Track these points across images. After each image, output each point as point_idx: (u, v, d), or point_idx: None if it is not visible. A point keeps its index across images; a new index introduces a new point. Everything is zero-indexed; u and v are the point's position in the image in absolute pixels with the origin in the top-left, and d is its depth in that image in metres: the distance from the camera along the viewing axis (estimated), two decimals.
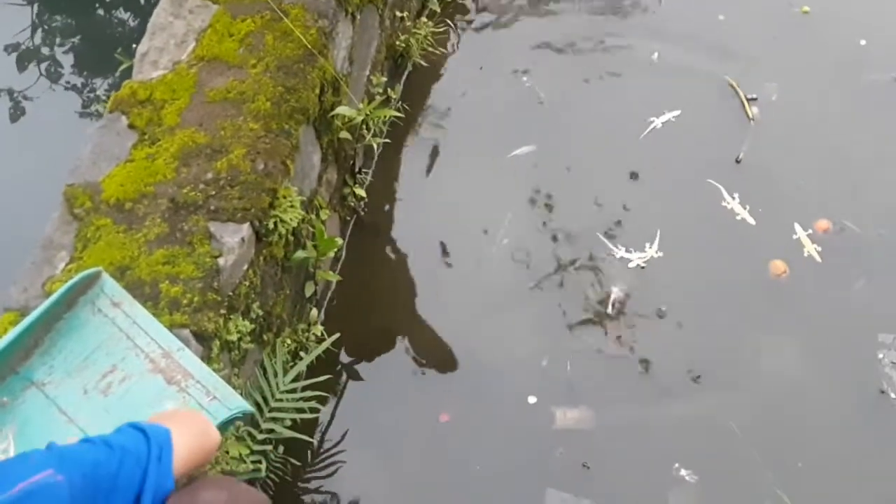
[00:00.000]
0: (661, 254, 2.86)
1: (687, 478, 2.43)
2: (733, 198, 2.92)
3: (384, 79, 3.20)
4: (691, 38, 3.50)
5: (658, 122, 3.23)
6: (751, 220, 2.86)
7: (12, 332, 1.68)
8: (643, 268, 2.84)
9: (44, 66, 3.72)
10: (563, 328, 2.75)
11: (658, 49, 3.48)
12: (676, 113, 3.24)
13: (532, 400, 2.60)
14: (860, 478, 2.43)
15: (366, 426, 2.58)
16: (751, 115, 3.23)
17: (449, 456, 2.52)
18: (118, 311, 1.78)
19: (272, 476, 2.34)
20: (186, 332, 1.92)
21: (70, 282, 1.75)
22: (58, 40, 3.83)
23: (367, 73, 3.07)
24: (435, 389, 2.66)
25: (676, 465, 2.46)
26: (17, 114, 3.56)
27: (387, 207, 3.09)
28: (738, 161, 3.10)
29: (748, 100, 3.28)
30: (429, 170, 3.19)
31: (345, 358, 2.72)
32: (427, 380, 2.69)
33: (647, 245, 2.88)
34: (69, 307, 1.77)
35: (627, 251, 2.88)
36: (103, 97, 3.50)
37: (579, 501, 2.39)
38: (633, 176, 3.09)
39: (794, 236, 2.92)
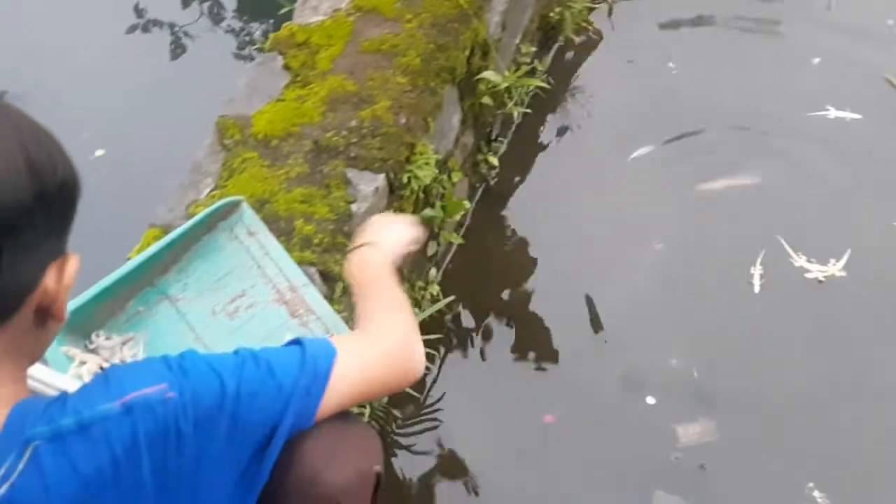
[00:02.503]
0: (844, 273, 2.65)
1: (820, 500, 2.27)
2: None
3: (533, 49, 3.15)
4: (856, 40, 3.28)
5: (833, 113, 3.06)
6: None
7: (154, 247, 1.77)
8: (821, 282, 2.65)
9: (206, 5, 3.87)
10: (702, 328, 2.62)
11: (821, 48, 3.28)
12: (857, 116, 3.04)
13: (651, 401, 2.50)
14: None
15: (467, 395, 2.56)
16: None
17: (550, 444, 2.46)
18: (253, 241, 1.84)
19: (373, 425, 2.38)
20: (313, 270, 1.97)
21: (213, 206, 1.82)
22: None
23: (518, 41, 3.04)
24: (541, 376, 2.60)
25: (811, 484, 2.30)
26: (178, 51, 3.73)
27: (517, 180, 3.05)
28: None
29: None
30: (567, 149, 3.10)
31: (454, 322, 2.72)
32: (533, 365, 2.63)
33: (833, 261, 2.67)
34: (209, 230, 1.84)
35: (809, 261, 2.67)
36: (260, 40, 3.62)
37: None
38: (800, 170, 2.92)
39: None
